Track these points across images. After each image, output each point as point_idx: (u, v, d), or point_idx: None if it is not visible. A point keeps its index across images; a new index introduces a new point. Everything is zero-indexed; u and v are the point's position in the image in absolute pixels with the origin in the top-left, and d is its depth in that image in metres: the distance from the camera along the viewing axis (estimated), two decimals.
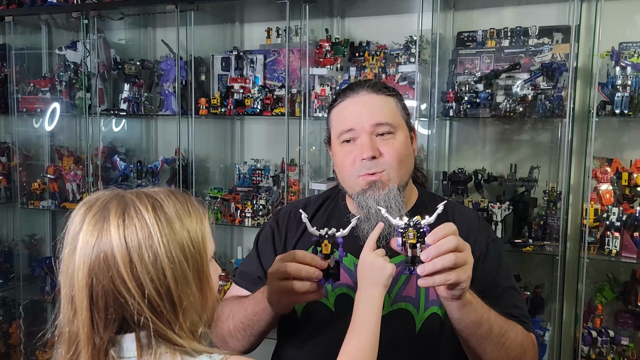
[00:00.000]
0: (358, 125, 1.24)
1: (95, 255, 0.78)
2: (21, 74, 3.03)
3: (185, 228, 0.83)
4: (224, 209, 2.64)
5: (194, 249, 0.83)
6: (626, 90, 1.98)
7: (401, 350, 1.22)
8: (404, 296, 1.23)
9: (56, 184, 2.98)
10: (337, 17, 2.60)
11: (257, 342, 1.27)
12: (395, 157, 1.23)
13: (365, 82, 1.30)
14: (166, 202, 0.83)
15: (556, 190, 2.15)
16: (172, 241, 0.80)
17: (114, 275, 0.78)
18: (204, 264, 0.85)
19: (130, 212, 0.80)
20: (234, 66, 2.66)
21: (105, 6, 2.70)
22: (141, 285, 0.78)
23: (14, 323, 3.13)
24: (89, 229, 0.79)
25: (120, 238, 0.78)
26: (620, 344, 2.04)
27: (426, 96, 2.24)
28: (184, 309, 0.81)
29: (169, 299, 0.80)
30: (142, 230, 0.79)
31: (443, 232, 0.96)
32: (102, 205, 0.81)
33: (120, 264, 0.78)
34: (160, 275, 0.79)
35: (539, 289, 2.19)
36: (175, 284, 0.80)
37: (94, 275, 0.78)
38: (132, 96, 2.76)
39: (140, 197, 0.83)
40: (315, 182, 2.44)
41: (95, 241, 0.79)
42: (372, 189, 1.23)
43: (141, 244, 0.78)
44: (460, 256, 0.96)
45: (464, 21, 2.37)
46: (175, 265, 0.80)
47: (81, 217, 0.81)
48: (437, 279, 0.95)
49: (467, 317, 1.06)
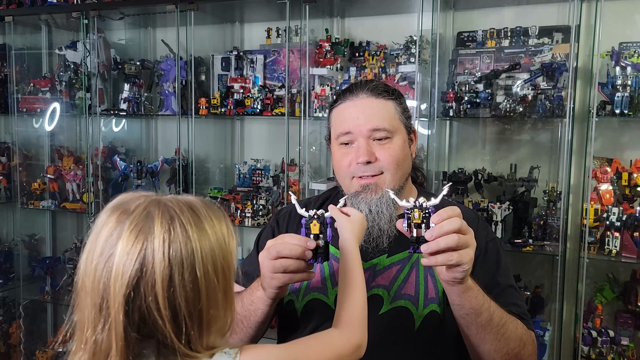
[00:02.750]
0: (355, 129, 1.26)
1: (136, 269, 0.73)
2: (21, 74, 3.03)
3: (220, 246, 0.79)
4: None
5: (225, 268, 0.80)
6: (626, 90, 1.98)
7: (400, 347, 1.22)
8: (403, 294, 1.24)
9: (56, 184, 2.98)
10: (337, 17, 2.60)
11: (255, 335, 1.27)
12: (391, 161, 1.25)
13: (365, 84, 1.31)
14: (206, 216, 0.79)
15: (556, 190, 2.15)
16: (210, 260, 0.76)
17: (148, 292, 0.73)
18: (231, 281, 0.82)
19: (175, 226, 0.75)
20: (234, 66, 2.66)
21: (105, 6, 2.70)
22: (174, 308, 0.74)
23: (14, 323, 3.13)
24: (131, 238, 0.74)
25: (164, 254, 0.73)
26: (620, 344, 2.04)
27: (426, 96, 2.23)
28: (210, 331, 0.78)
29: (199, 319, 0.76)
30: (186, 247, 0.74)
31: (447, 213, 0.99)
32: (145, 213, 0.76)
33: (158, 282, 0.73)
34: (196, 297, 0.75)
35: (539, 289, 2.19)
36: (208, 305, 0.76)
37: (131, 289, 0.73)
38: (132, 96, 2.76)
39: (183, 209, 0.78)
40: (315, 182, 2.44)
41: (138, 253, 0.73)
42: (365, 192, 1.25)
43: (184, 262, 0.74)
44: (463, 238, 0.98)
45: (464, 21, 2.37)
46: (210, 284, 0.76)
47: (117, 223, 0.76)
48: (440, 258, 0.97)
49: (468, 303, 1.07)
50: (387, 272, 1.26)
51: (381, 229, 1.23)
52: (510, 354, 1.14)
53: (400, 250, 1.27)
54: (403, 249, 1.27)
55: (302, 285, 1.29)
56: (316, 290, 1.28)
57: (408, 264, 1.27)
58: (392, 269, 1.26)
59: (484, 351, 1.14)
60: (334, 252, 1.29)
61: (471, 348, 1.18)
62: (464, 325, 1.12)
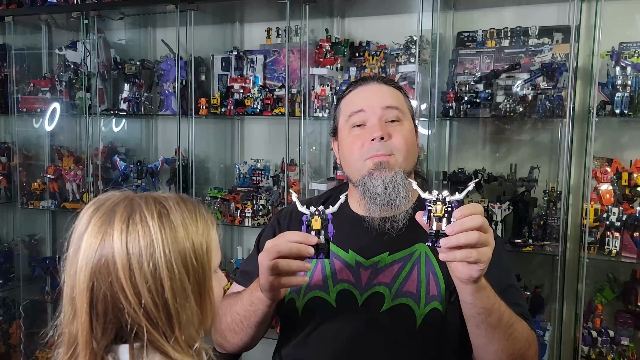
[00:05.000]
0: (369, 108, 1.28)
1: (97, 259, 0.77)
2: (21, 74, 3.03)
3: (190, 239, 0.80)
4: (224, 209, 2.64)
5: (197, 262, 0.81)
6: (626, 90, 1.98)
7: (402, 344, 1.22)
8: (405, 291, 1.24)
9: (56, 184, 2.98)
10: (337, 17, 2.60)
11: (256, 335, 1.27)
12: (403, 142, 1.27)
13: (375, 76, 1.37)
14: (174, 209, 0.81)
15: (556, 190, 2.15)
16: (174, 251, 0.78)
17: (113, 281, 0.76)
18: (206, 277, 0.82)
19: (135, 218, 0.78)
20: (234, 66, 2.66)
21: (105, 6, 2.70)
22: (139, 294, 0.76)
23: (14, 323, 3.13)
24: (93, 230, 0.78)
25: (122, 244, 0.76)
26: (620, 344, 2.04)
27: (426, 96, 2.23)
28: (181, 322, 0.78)
29: (166, 311, 0.77)
30: (144, 238, 0.77)
31: (470, 210, 0.97)
32: (110, 208, 0.79)
33: (120, 270, 0.76)
34: (159, 286, 0.77)
35: (539, 289, 2.19)
36: (173, 297, 0.77)
37: (95, 278, 0.76)
38: (132, 96, 2.76)
39: (149, 202, 0.80)
40: (315, 182, 2.44)
41: (98, 244, 0.77)
42: (379, 170, 1.25)
43: (142, 252, 0.76)
44: (484, 236, 0.96)
45: (464, 21, 2.37)
46: (175, 277, 0.78)
47: (88, 217, 0.80)
48: (459, 254, 0.96)
49: (480, 302, 1.06)
50: (388, 269, 1.26)
51: (397, 206, 1.24)
52: (516, 354, 1.14)
53: (402, 248, 1.27)
54: (405, 247, 1.27)
55: None
56: (317, 288, 1.28)
57: (410, 261, 1.27)
58: (393, 267, 1.26)
59: (491, 351, 1.14)
60: (335, 249, 1.29)
61: (478, 347, 1.17)
62: (474, 324, 1.11)
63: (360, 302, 1.25)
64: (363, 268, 1.27)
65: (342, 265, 1.28)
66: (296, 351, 1.30)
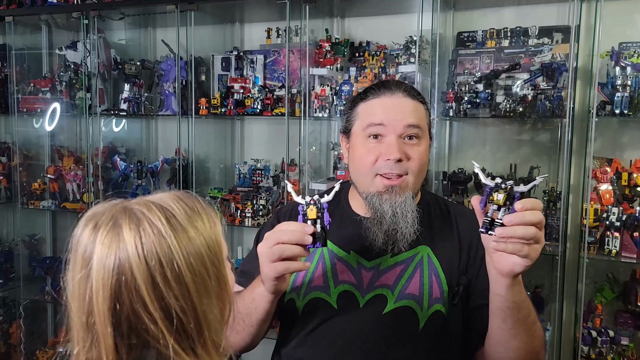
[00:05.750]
0: (390, 123, 1.23)
1: (115, 279, 0.72)
2: (21, 74, 3.03)
3: (201, 234, 0.78)
4: (224, 209, 2.64)
5: (212, 255, 0.78)
6: (626, 90, 1.98)
7: (404, 347, 1.22)
8: (408, 293, 1.24)
9: (56, 184, 2.98)
10: (337, 17, 2.60)
11: (257, 334, 1.26)
12: (418, 164, 1.24)
13: (400, 84, 1.29)
14: (177, 209, 0.78)
15: (556, 190, 2.15)
16: (190, 251, 0.75)
17: (134, 299, 0.72)
18: (222, 268, 0.81)
19: (145, 227, 0.74)
20: (234, 66, 2.66)
21: (105, 6, 2.71)
22: (165, 307, 0.72)
23: (14, 323, 3.13)
24: (103, 250, 0.73)
25: (139, 257, 0.72)
26: (620, 343, 2.04)
27: (426, 96, 2.22)
28: (209, 322, 0.77)
29: (194, 315, 0.75)
30: (160, 246, 0.73)
31: (532, 204, 0.95)
32: (112, 222, 0.75)
33: (141, 285, 0.72)
34: (185, 292, 0.74)
35: (539, 289, 2.19)
36: (199, 297, 0.75)
37: (116, 299, 0.72)
38: (132, 96, 2.76)
39: (150, 207, 0.77)
40: (315, 182, 2.44)
41: (113, 263, 0.72)
42: (390, 194, 1.22)
43: (162, 260, 0.73)
44: (540, 233, 0.95)
45: (464, 21, 2.37)
46: (197, 277, 0.75)
47: (90, 235, 0.75)
48: (511, 246, 0.95)
49: (513, 297, 1.06)
50: (391, 271, 1.26)
51: (403, 233, 1.22)
52: (533, 352, 1.15)
53: (404, 250, 1.27)
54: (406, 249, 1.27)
55: (303, 283, 1.29)
56: (318, 289, 1.27)
57: (412, 263, 1.26)
58: (396, 269, 1.26)
59: (513, 347, 1.13)
60: (336, 250, 1.29)
61: (498, 343, 1.16)
62: (501, 318, 1.10)
63: (361, 303, 1.25)
64: (365, 269, 1.27)
65: (343, 267, 1.28)
66: (296, 351, 1.30)
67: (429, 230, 1.31)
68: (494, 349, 1.18)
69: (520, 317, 1.08)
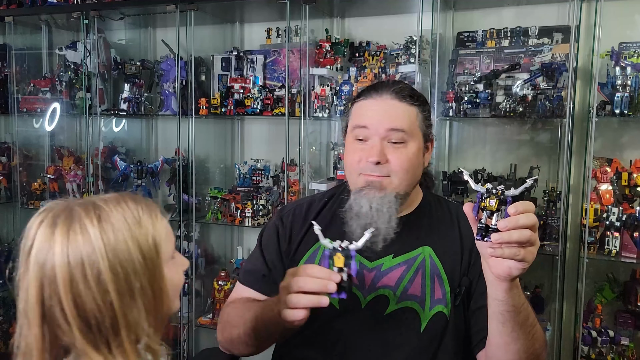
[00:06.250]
0: (372, 126, 1.24)
1: (42, 274, 0.78)
2: (21, 74, 3.03)
3: (134, 237, 0.81)
4: (224, 209, 2.64)
5: (145, 258, 0.81)
6: (626, 90, 1.98)
7: (405, 348, 1.22)
8: (410, 294, 1.24)
9: (56, 184, 2.98)
10: (337, 17, 2.60)
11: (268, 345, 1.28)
12: (401, 166, 1.23)
13: (392, 85, 1.28)
14: (114, 211, 0.81)
15: (556, 190, 2.15)
16: (117, 253, 0.78)
17: (53, 293, 0.77)
18: (156, 270, 0.83)
19: (75, 228, 0.78)
20: (234, 66, 2.66)
21: (105, 6, 2.71)
22: (80, 305, 0.77)
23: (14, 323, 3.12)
24: (39, 245, 0.79)
25: (63, 257, 0.77)
26: (620, 343, 2.04)
27: (426, 96, 2.21)
28: (129, 322, 0.79)
29: (112, 315, 0.78)
30: (85, 246, 0.77)
31: (524, 207, 0.95)
32: (52, 220, 0.80)
33: (60, 283, 0.77)
34: (103, 291, 0.77)
35: (539, 289, 2.19)
36: (119, 298, 0.78)
37: (43, 292, 0.78)
38: (132, 96, 2.76)
39: (88, 209, 0.80)
40: (315, 182, 2.44)
41: (43, 258, 0.78)
42: (369, 188, 1.23)
43: (84, 261, 0.77)
44: (534, 235, 0.95)
45: (464, 21, 2.37)
46: (120, 278, 0.78)
47: (34, 231, 0.80)
48: (507, 251, 0.95)
49: (511, 301, 1.05)
50: (392, 272, 1.26)
51: (378, 229, 1.21)
52: (534, 354, 1.14)
53: (406, 251, 1.27)
54: (409, 250, 1.27)
55: None
56: None
57: (414, 264, 1.26)
58: (397, 270, 1.26)
59: (513, 350, 1.13)
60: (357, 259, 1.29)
61: (499, 346, 1.16)
62: (500, 322, 1.10)
63: (363, 304, 1.25)
64: (367, 270, 1.27)
65: None
66: (297, 352, 1.30)
67: (431, 231, 1.31)
68: (494, 352, 1.18)
69: (519, 320, 1.08)
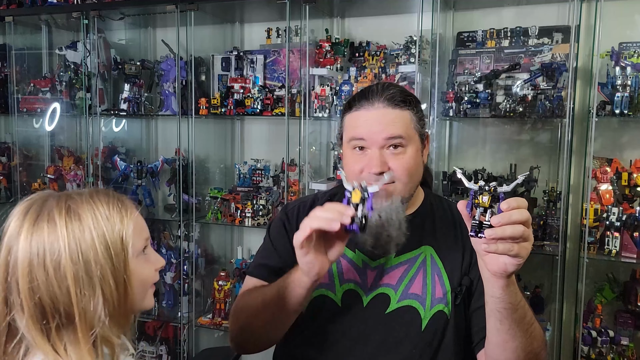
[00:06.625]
0: (370, 138, 1.23)
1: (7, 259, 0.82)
2: (21, 74, 3.03)
3: (100, 229, 0.83)
4: (224, 209, 2.64)
5: (107, 249, 0.83)
6: (626, 90, 1.98)
7: (405, 347, 1.22)
8: (411, 293, 1.24)
9: (56, 184, 2.98)
10: (337, 17, 2.60)
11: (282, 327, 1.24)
12: (403, 172, 1.23)
13: (383, 92, 1.26)
14: (84, 204, 0.84)
15: (556, 190, 2.15)
16: (80, 243, 0.81)
17: (12, 280, 0.81)
18: (120, 262, 0.85)
19: (43, 217, 0.82)
20: (234, 66, 2.66)
21: (105, 6, 2.71)
22: (35, 291, 0.80)
23: None
24: (10, 232, 0.83)
25: (26, 243, 0.81)
26: (620, 343, 2.04)
27: (426, 96, 2.24)
28: (86, 311, 0.81)
29: (68, 304, 0.80)
30: (49, 235, 0.81)
31: (517, 203, 0.95)
32: (25, 212, 0.84)
33: (19, 269, 0.80)
34: (59, 281, 0.80)
35: (539, 289, 2.19)
36: (77, 288, 0.80)
37: (7, 277, 0.82)
38: (132, 96, 2.76)
39: (60, 201, 0.84)
40: (315, 182, 2.44)
41: (10, 244, 0.82)
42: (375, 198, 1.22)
43: (46, 249, 0.80)
44: (528, 231, 0.96)
45: (464, 21, 2.37)
46: (80, 268, 0.81)
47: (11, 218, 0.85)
48: (501, 247, 0.95)
49: (508, 298, 1.05)
50: (394, 271, 1.26)
51: (390, 236, 1.21)
52: (533, 352, 1.14)
53: (408, 250, 1.27)
54: (410, 249, 1.27)
55: None
56: (324, 286, 1.28)
57: (415, 263, 1.27)
58: (399, 269, 1.26)
59: (511, 348, 1.13)
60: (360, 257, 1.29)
61: (497, 345, 1.16)
62: (498, 320, 1.10)
63: (365, 302, 1.25)
64: (369, 269, 1.27)
65: (349, 266, 1.28)
66: (298, 350, 1.30)
67: (433, 230, 1.31)
68: (493, 351, 1.18)
69: (517, 318, 1.08)
